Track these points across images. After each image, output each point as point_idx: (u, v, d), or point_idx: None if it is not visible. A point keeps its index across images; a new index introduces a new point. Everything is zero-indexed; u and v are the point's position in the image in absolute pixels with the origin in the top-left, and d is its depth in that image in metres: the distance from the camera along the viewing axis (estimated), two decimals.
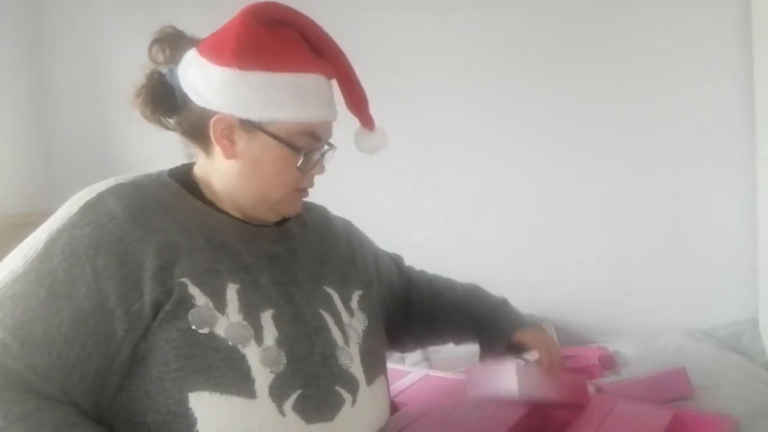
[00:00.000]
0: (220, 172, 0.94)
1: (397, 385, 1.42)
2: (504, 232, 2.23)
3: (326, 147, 0.97)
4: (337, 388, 0.88)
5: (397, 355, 2.05)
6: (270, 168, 0.91)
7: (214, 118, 0.90)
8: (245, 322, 0.83)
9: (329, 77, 0.96)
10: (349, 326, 0.96)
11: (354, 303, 1.01)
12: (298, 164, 0.92)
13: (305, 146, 0.92)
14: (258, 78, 0.88)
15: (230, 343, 0.81)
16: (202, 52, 0.92)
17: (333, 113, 0.95)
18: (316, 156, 0.94)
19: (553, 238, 2.18)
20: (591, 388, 1.53)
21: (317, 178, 0.99)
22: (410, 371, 1.55)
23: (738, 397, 1.45)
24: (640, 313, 2.06)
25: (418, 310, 1.23)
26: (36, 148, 2.45)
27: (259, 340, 0.83)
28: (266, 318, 0.85)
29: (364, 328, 0.99)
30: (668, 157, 2.04)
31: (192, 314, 0.80)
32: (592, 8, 2.08)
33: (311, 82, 0.91)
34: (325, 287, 0.98)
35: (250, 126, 0.90)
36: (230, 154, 0.92)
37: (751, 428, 1.30)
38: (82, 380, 0.76)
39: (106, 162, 2.61)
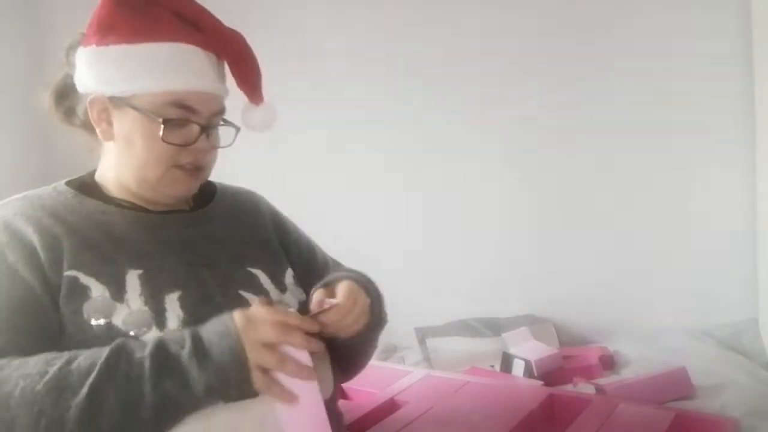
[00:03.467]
0: (107, 158, 0.95)
1: (398, 385, 1.42)
2: (504, 232, 2.23)
3: (209, 122, 0.92)
4: None
5: (398, 355, 2.05)
6: (140, 144, 0.89)
7: (88, 100, 0.91)
8: (146, 308, 0.82)
9: (207, 50, 0.92)
10: (279, 302, 0.94)
11: (288, 279, 1.00)
12: (161, 135, 0.88)
13: (172, 118, 0.89)
14: (115, 51, 0.88)
15: (131, 333, 0.80)
16: (81, 42, 0.92)
17: (205, 84, 0.91)
18: (193, 130, 0.90)
19: (552, 239, 2.18)
20: (591, 388, 1.53)
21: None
22: (411, 371, 1.55)
23: (738, 397, 1.46)
24: (640, 313, 2.06)
25: None
26: (35, 147, 2.44)
27: (161, 324, 0.81)
28: (171, 300, 0.84)
29: (302, 300, 0.98)
30: (668, 157, 2.04)
31: (86, 306, 0.80)
32: (591, 10, 2.09)
33: (171, 52, 0.88)
34: (250, 268, 0.96)
35: (119, 102, 0.89)
36: (108, 135, 0.92)
37: (751, 428, 1.30)
38: (41, 342, 0.79)
39: None
